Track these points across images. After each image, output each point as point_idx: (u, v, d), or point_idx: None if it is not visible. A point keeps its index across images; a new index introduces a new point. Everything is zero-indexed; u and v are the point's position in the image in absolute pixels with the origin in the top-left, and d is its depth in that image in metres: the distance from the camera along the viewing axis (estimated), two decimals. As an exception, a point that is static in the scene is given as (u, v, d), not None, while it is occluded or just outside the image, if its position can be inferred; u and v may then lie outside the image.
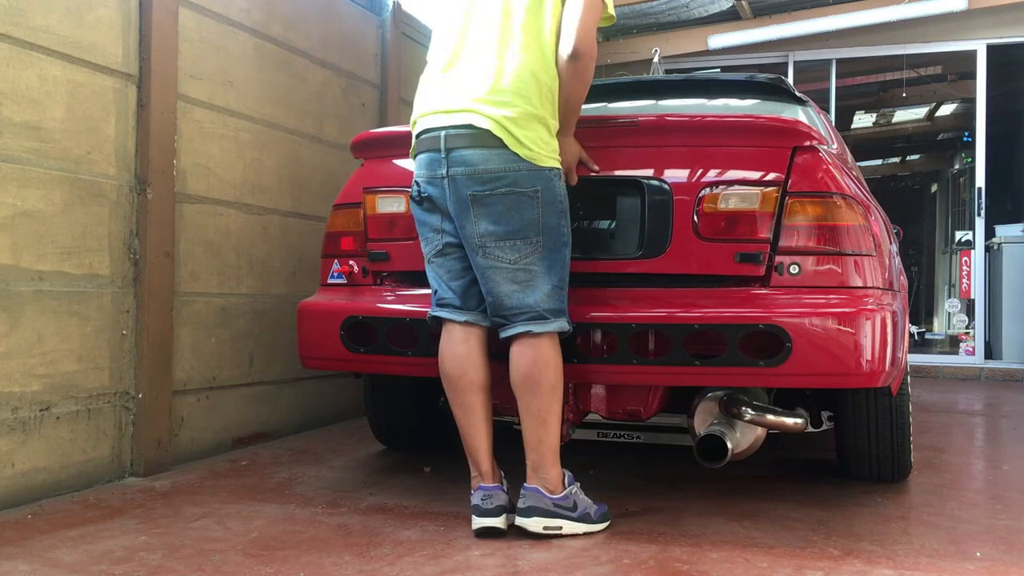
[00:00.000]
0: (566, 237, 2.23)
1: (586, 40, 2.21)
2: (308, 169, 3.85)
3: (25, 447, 2.52)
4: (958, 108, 9.18)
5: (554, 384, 2.22)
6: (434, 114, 2.24)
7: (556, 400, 2.23)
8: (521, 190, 2.16)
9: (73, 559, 2.03)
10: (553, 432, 2.24)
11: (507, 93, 2.17)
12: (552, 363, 2.21)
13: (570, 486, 2.26)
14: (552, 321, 2.20)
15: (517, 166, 2.15)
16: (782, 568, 1.99)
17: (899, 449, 2.72)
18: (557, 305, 2.22)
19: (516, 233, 2.18)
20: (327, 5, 3.98)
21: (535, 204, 2.17)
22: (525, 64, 2.19)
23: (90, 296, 2.73)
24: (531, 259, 2.19)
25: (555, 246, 2.21)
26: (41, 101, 2.56)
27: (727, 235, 2.29)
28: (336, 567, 1.97)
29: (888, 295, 2.29)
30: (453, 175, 2.19)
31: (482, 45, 2.23)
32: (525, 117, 2.16)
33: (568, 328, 2.23)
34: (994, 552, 2.13)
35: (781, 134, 2.34)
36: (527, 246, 2.19)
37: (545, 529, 2.19)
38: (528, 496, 2.21)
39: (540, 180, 2.17)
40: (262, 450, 3.36)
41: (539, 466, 2.23)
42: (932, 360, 7.00)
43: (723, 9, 6.91)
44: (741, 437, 2.44)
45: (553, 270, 2.21)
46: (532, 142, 2.16)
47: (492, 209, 2.17)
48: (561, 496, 2.22)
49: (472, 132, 2.17)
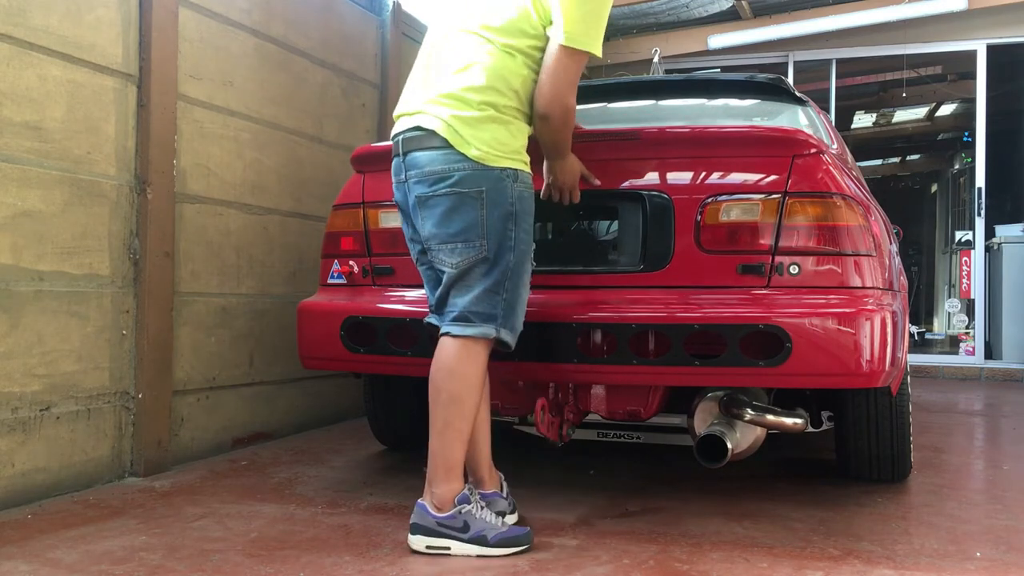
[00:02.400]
0: (513, 242, 2.10)
1: (554, 103, 2.11)
2: (308, 169, 3.85)
3: (25, 447, 2.52)
4: (958, 108, 9.18)
5: (455, 395, 2.07)
6: (397, 119, 2.25)
7: (457, 414, 2.07)
8: (464, 190, 2.07)
9: (73, 559, 2.03)
10: (449, 447, 2.08)
11: (461, 93, 2.10)
12: (457, 372, 2.08)
13: (461, 504, 2.08)
14: (476, 325, 2.08)
15: (462, 166, 2.07)
16: (782, 568, 1.99)
17: (899, 449, 2.72)
18: (487, 310, 2.09)
19: (458, 236, 2.09)
20: (327, 5, 3.98)
21: (479, 205, 2.07)
22: (487, 65, 2.11)
23: (90, 296, 2.73)
24: (472, 263, 2.09)
25: (500, 250, 2.09)
26: (41, 101, 2.56)
27: (729, 246, 2.29)
28: (336, 567, 1.97)
29: (888, 295, 2.29)
30: (408, 178, 2.17)
31: (449, 55, 2.18)
32: (479, 118, 2.08)
33: (495, 335, 2.09)
34: (994, 552, 2.13)
35: (782, 143, 2.33)
36: (469, 250, 2.09)
37: (428, 548, 2.07)
38: (415, 512, 2.11)
39: (487, 181, 2.07)
40: (262, 450, 3.36)
41: (432, 480, 2.11)
42: (932, 360, 7.00)
43: (723, 9, 6.91)
44: (741, 437, 2.44)
45: (492, 274, 2.09)
46: (483, 142, 2.07)
47: (436, 211, 2.11)
48: (447, 515, 2.07)
49: (421, 134, 2.13)
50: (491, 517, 2.12)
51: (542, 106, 2.12)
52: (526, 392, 2.54)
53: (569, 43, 2.09)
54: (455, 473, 2.11)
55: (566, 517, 2.39)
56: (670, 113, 3.17)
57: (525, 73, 2.15)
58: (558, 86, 2.11)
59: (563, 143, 2.24)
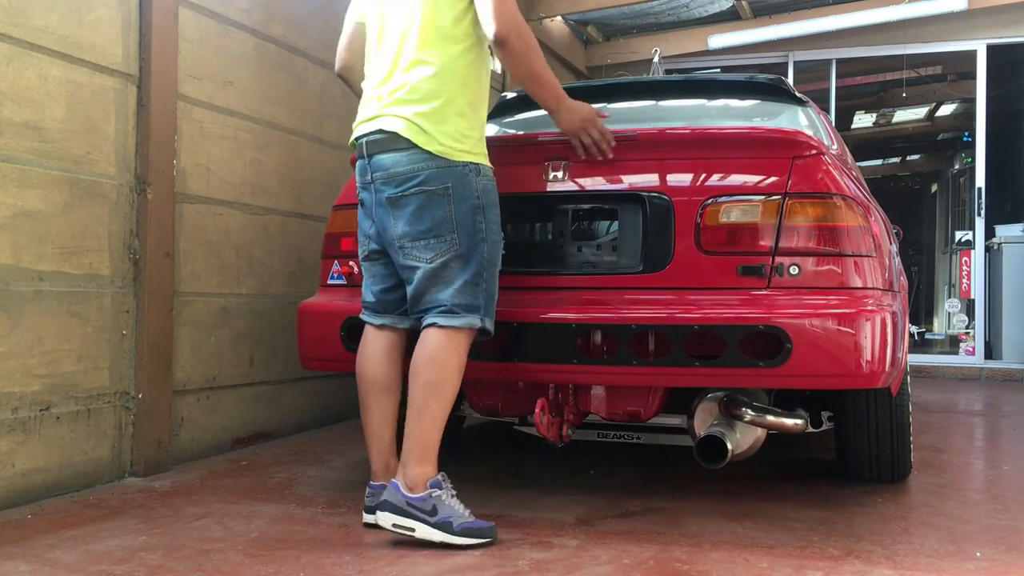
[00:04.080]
0: (484, 233, 2.19)
1: (504, 21, 2.15)
2: (308, 169, 3.85)
3: (25, 447, 2.52)
4: (958, 108, 9.18)
5: (434, 381, 2.15)
6: (359, 124, 2.32)
7: (436, 399, 2.15)
8: (431, 188, 2.16)
9: (73, 559, 2.03)
10: (426, 430, 2.15)
11: (415, 91, 2.18)
12: (440, 357, 2.15)
13: (432, 488, 2.13)
14: (461, 316, 2.17)
15: (427, 164, 2.16)
16: (782, 568, 1.99)
17: (899, 449, 2.72)
18: (469, 301, 2.18)
19: (429, 232, 2.17)
20: (327, 5, 3.98)
21: (447, 202, 2.16)
22: (432, 59, 2.19)
23: (90, 296, 2.73)
24: (447, 257, 2.17)
25: (472, 242, 2.18)
26: (41, 101, 2.56)
27: (729, 248, 2.29)
28: (336, 567, 1.97)
29: (888, 296, 2.29)
30: (374, 179, 2.24)
31: (391, 49, 2.26)
32: (437, 111, 2.17)
33: (480, 325, 2.18)
34: (994, 552, 2.13)
35: (782, 145, 2.33)
36: (441, 244, 2.17)
37: (395, 527, 2.11)
38: (387, 490, 2.16)
39: (451, 177, 2.16)
40: (262, 450, 3.37)
41: (406, 461, 2.16)
42: (932, 360, 7.00)
43: (723, 9, 6.91)
44: (741, 438, 2.44)
45: (469, 266, 2.18)
46: (446, 136, 2.16)
47: (406, 210, 2.19)
48: (418, 497, 2.12)
49: (384, 136, 2.21)
50: (458, 506, 2.17)
51: (493, 29, 2.16)
52: (526, 393, 2.53)
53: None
54: (429, 456, 2.16)
55: (566, 517, 2.39)
56: (670, 114, 3.16)
57: (474, 58, 2.24)
58: (497, 4, 2.15)
59: (543, 70, 2.26)
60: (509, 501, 2.55)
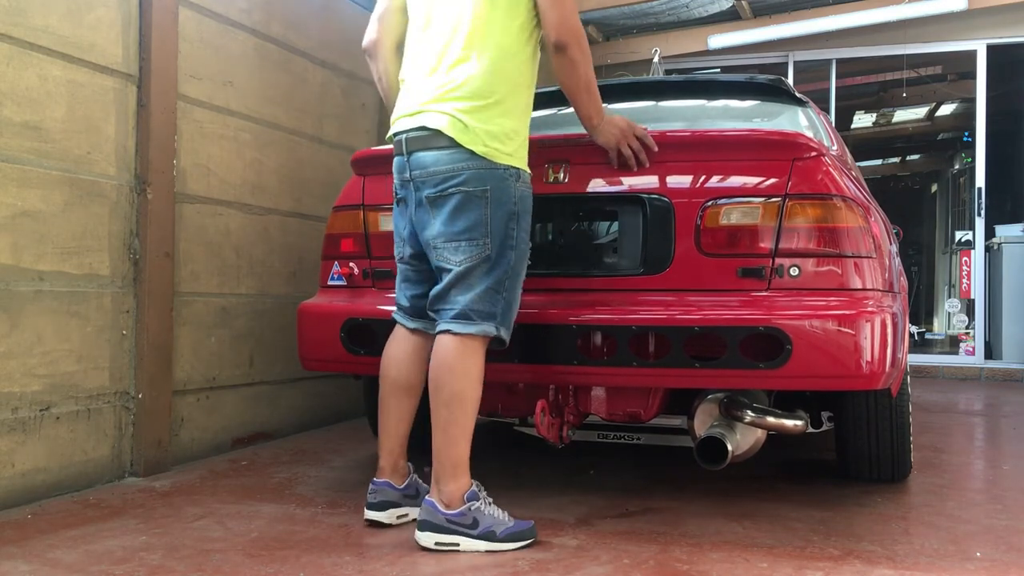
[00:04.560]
0: (514, 241, 2.14)
1: (565, 27, 2.14)
2: (308, 169, 3.85)
3: (25, 447, 2.52)
4: (958, 108, 9.18)
5: (458, 393, 2.10)
6: (398, 119, 2.25)
7: (461, 411, 2.10)
8: (470, 189, 2.10)
9: (73, 559, 2.03)
10: (454, 444, 2.10)
11: (462, 87, 2.12)
12: (459, 370, 2.10)
13: (471, 501, 2.11)
14: (476, 323, 2.11)
15: (468, 164, 2.10)
16: (782, 568, 1.99)
17: (899, 449, 2.72)
18: (488, 308, 2.12)
19: (462, 234, 2.12)
20: (327, 5, 3.98)
21: (484, 204, 2.10)
22: (484, 57, 2.13)
23: (90, 296, 2.73)
24: (476, 261, 2.12)
25: (501, 249, 2.13)
26: (41, 101, 2.56)
27: (730, 249, 2.29)
28: (336, 567, 1.98)
29: (888, 297, 2.29)
30: (413, 178, 2.18)
31: (440, 39, 2.19)
32: (484, 110, 2.11)
33: (495, 333, 2.13)
34: (994, 552, 2.13)
35: (782, 146, 2.33)
36: (473, 248, 2.12)
37: (437, 545, 2.08)
38: (423, 510, 2.12)
39: (492, 179, 2.10)
40: (262, 450, 3.37)
41: (439, 478, 2.12)
42: (932, 360, 7.00)
43: (723, 9, 6.91)
44: (741, 439, 2.44)
45: (493, 272, 2.13)
46: (490, 136, 2.10)
47: (443, 210, 2.13)
48: (457, 512, 2.09)
49: (426, 134, 2.14)
50: (498, 512, 2.14)
51: (554, 34, 2.15)
52: (526, 394, 2.54)
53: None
54: (462, 470, 2.13)
55: (566, 517, 2.40)
56: (670, 114, 3.16)
57: (526, 57, 2.20)
58: (562, 11, 2.14)
59: (592, 81, 2.24)
60: (509, 501, 2.54)
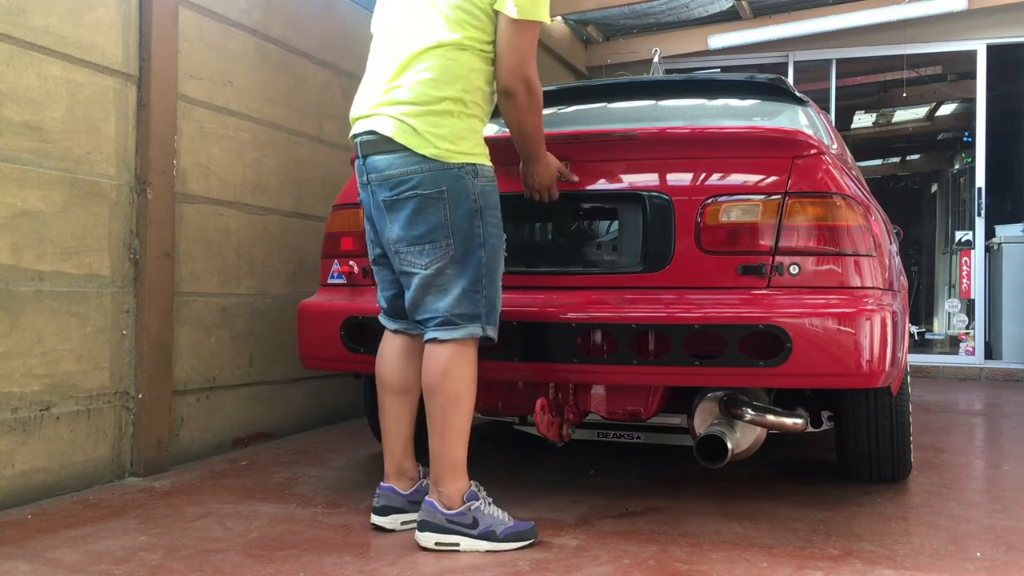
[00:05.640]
0: (482, 238, 2.12)
1: (516, 75, 2.13)
2: (308, 169, 3.85)
3: (25, 447, 2.52)
4: (958, 108, 9.18)
5: (452, 396, 2.10)
6: (354, 120, 2.26)
7: (457, 413, 2.11)
8: (425, 192, 2.09)
9: (73, 559, 2.03)
10: (452, 446, 2.11)
11: (410, 92, 2.11)
12: (453, 373, 2.10)
13: (471, 501, 2.12)
14: (461, 327, 2.11)
15: (420, 168, 2.09)
16: (782, 568, 1.99)
17: (899, 449, 2.72)
18: (469, 310, 2.12)
19: (424, 237, 2.11)
20: (327, 5, 3.98)
21: (442, 206, 2.09)
22: (435, 65, 2.12)
23: (90, 296, 2.73)
24: (443, 263, 2.11)
25: (468, 248, 2.11)
26: (41, 101, 2.56)
27: (729, 247, 2.29)
28: (336, 567, 1.97)
29: (888, 295, 2.29)
30: (370, 180, 2.19)
31: (396, 49, 2.19)
32: (432, 113, 2.10)
33: (482, 334, 2.13)
34: (994, 552, 2.13)
35: (782, 144, 2.33)
36: (437, 250, 2.11)
37: (438, 545, 2.09)
38: (423, 511, 2.13)
39: (446, 180, 2.09)
40: (262, 450, 3.37)
41: (437, 480, 2.13)
42: (932, 360, 7.00)
43: (723, 9, 6.91)
44: (741, 437, 2.44)
45: (465, 273, 2.12)
46: (440, 138, 2.09)
47: (401, 214, 2.13)
48: (457, 512, 2.10)
49: (376, 138, 2.14)
50: (498, 512, 2.14)
51: (504, 80, 2.15)
52: (526, 392, 2.54)
53: (521, 16, 2.12)
54: (460, 471, 2.13)
55: (566, 517, 2.39)
56: (670, 113, 3.16)
57: (477, 65, 2.17)
58: (517, 58, 2.13)
59: (534, 129, 2.23)
60: (509, 501, 2.55)
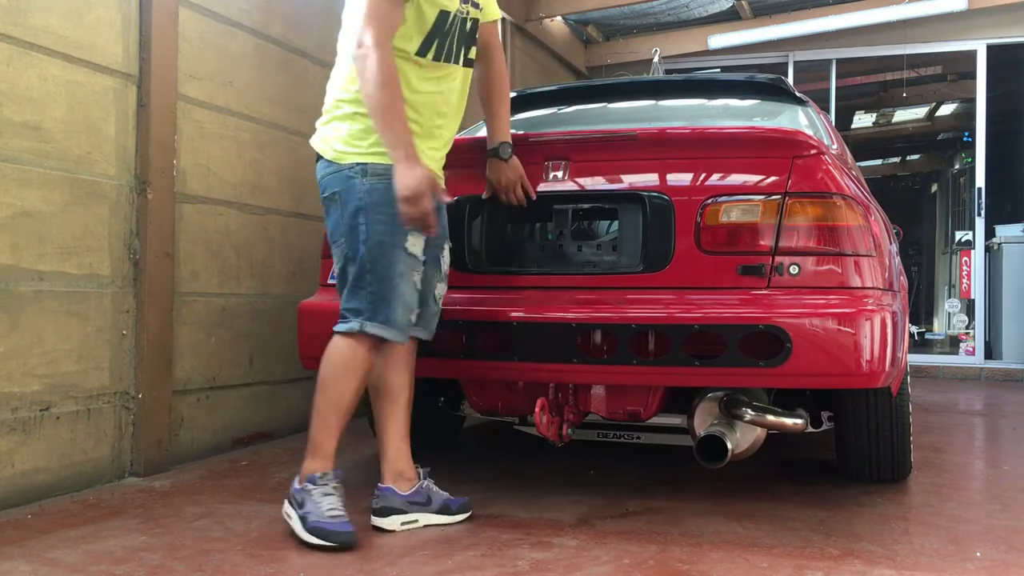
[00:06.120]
0: (364, 235, 2.17)
1: (354, 38, 2.13)
2: (308, 169, 3.83)
3: (25, 447, 2.52)
4: (958, 108, 9.18)
5: (322, 381, 2.23)
6: None
7: (321, 396, 2.22)
8: (328, 195, 2.24)
9: (73, 559, 2.03)
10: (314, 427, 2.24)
11: (325, 102, 2.30)
12: (328, 359, 2.23)
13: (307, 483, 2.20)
14: (346, 321, 2.20)
15: (326, 172, 2.25)
16: (782, 568, 1.99)
17: (899, 449, 2.72)
18: (354, 305, 2.20)
19: (331, 237, 2.26)
20: (327, 5, 3.98)
21: (338, 207, 2.22)
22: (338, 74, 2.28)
23: (90, 296, 2.73)
24: (343, 262, 2.22)
25: (353, 245, 2.19)
26: (41, 101, 2.56)
27: (729, 247, 2.29)
28: (336, 567, 1.97)
29: (888, 295, 2.29)
30: None
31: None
32: (334, 118, 2.26)
33: (357, 330, 2.18)
34: (994, 552, 2.13)
35: (782, 144, 2.33)
36: (338, 249, 2.23)
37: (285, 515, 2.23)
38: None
39: (339, 182, 2.21)
40: (262, 450, 3.37)
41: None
42: (932, 360, 7.00)
43: (723, 9, 6.92)
44: (741, 437, 2.44)
45: (351, 270, 2.21)
46: (336, 141, 2.23)
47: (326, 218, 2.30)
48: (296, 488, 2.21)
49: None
50: (326, 505, 2.15)
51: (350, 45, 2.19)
52: (526, 392, 2.54)
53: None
54: (316, 453, 2.23)
55: (566, 517, 2.39)
56: (670, 113, 3.16)
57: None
58: (355, 22, 2.15)
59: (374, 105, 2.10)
60: (509, 501, 2.55)
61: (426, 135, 2.25)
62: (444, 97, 2.28)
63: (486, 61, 2.49)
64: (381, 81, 2.08)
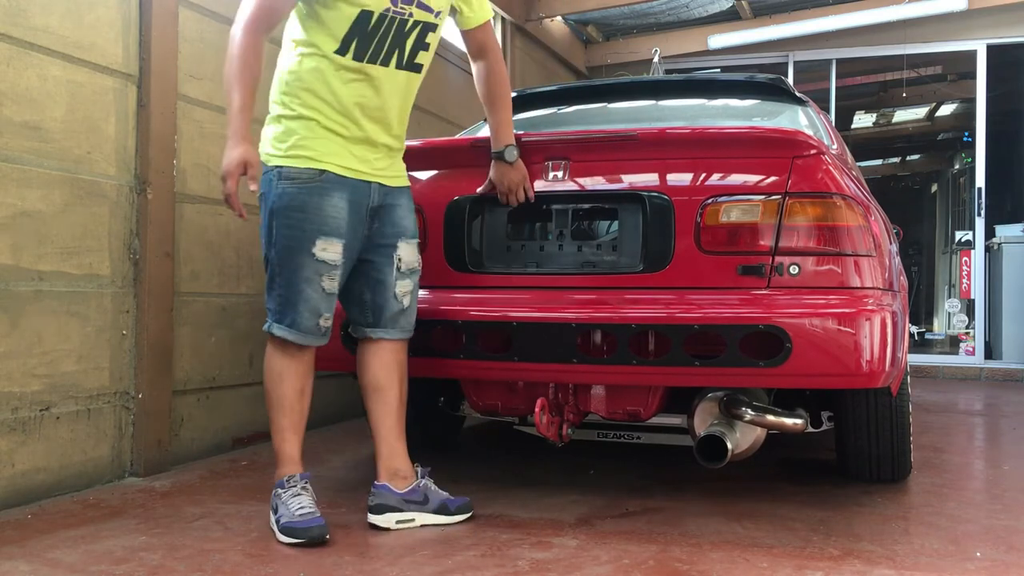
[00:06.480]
0: (273, 238, 2.21)
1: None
2: (308, 169, 3.84)
3: (25, 447, 2.52)
4: (958, 108, 9.18)
5: (264, 387, 2.31)
6: None
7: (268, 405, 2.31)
8: (259, 196, 2.25)
9: (73, 559, 2.03)
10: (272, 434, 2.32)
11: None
12: (265, 365, 2.29)
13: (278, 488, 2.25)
14: (267, 321, 2.27)
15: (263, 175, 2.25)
16: (782, 568, 1.99)
17: (899, 449, 2.72)
18: (268, 305, 2.27)
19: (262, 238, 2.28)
20: (327, 5, 3.98)
21: (263, 209, 2.25)
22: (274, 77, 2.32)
23: (90, 296, 2.73)
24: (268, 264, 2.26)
25: (268, 247, 2.24)
26: (41, 101, 2.56)
27: (729, 247, 2.29)
28: (336, 567, 1.97)
29: (888, 295, 2.29)
30: None
31: None
32: (269, 120, 2.28)
33: (265, 329, 2.26)
34: (994, 552, 2.13)
35: (782, 144, 2.33)
36: (263, 251, 2.27)
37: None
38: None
39: (264, 185, 2.23)
40: (262, 450, 3.36)
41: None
42: (932, 360, 7.00)
43: (723, 9, 6.92)
44: (741, 437, 2.44)
45: (267, 272, 2.26)
46: (266, 142, 2.26)
47: None
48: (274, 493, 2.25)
49: None
50: (295, 505, 2.19)
51: None
52: (526, 392, 2.54)
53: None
54: (280, 459, 2.30)
55: (566, 517, 2.39)
56: (670, 113, 3.16)
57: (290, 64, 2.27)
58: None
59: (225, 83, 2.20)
60: (509, 501, 2.55)
61: (357, 140, 2.24)
62: (377, 101, 2.23)
63: (483, 62, 2.48)
64: (231, 59, 2.16)
